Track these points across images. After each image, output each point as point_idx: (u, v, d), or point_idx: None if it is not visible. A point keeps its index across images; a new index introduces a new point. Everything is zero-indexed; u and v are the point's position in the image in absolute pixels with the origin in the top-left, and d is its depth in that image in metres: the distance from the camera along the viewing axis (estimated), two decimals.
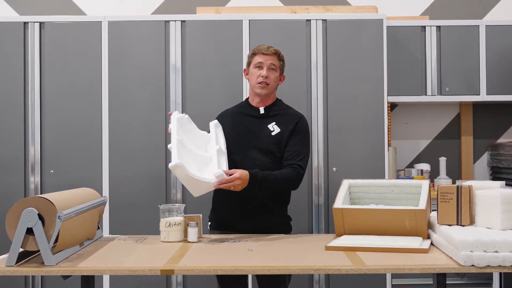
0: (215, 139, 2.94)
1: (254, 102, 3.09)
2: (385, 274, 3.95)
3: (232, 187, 2.76)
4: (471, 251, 2.10)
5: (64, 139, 4.05)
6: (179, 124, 2.90)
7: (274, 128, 3.02)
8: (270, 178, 2.87)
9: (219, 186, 2.73)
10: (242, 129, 3.05)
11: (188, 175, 2.61)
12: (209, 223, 3.11)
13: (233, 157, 2.99)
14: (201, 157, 2.86)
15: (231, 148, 3.01)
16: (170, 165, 2.61)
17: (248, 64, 3.07)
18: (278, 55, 3.04)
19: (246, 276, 3.12)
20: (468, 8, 4.79)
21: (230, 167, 2.91)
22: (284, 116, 3.06)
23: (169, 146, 2.75)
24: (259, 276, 2.91)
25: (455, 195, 2.46)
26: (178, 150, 2.68)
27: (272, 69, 3.01)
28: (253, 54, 3.05)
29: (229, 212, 3.00)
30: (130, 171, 4.03)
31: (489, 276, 4.22)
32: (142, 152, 4.04)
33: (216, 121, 3.10)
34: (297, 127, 3.03)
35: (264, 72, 2.99)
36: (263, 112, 3.06)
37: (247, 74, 3.10)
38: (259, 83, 3.00)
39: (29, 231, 2.15)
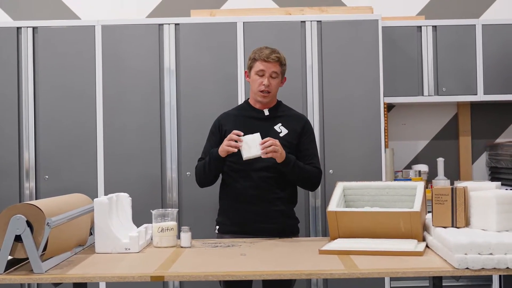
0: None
1: (256, 105, 3.05)
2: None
3: (276, 151, 2.76)
4: (466, 254, 2.07)
5: (58, 144, 4.02)
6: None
7: (281, 129, 3.00)
8: (301, 165, 2.90)
9: (264, 143, 2.75)
10: (248, 131, 2.93)
11: None
12: (217, 227, 3.04)
13: (240, 160, 2.88)
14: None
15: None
16: None
17: (250, 68, 3.01)
18: (280, 62, 2.97)
19: None
20: (464, 8, 4.75)
21: (238, 170, 2.93)
22: (289, 117, 3.06)
23: None
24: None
25: (450, 196, 2.44)
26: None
27: (273, 77, 2.97)
28: (254, 59, 2.98)
29: (240, 216, 2.95)
30: (125, 175, 4.00)
31: (489, 278, 4.18)
32: (137, 156, 4.01)
33: None
34: (305, 129, 3.04)
35: (265, 81, 2.94)
36: (268, 114, 3.03)
37: (248, 77, 3.05)
38: (261, 91, 2.96)
39: (18, 238, 2.12)
